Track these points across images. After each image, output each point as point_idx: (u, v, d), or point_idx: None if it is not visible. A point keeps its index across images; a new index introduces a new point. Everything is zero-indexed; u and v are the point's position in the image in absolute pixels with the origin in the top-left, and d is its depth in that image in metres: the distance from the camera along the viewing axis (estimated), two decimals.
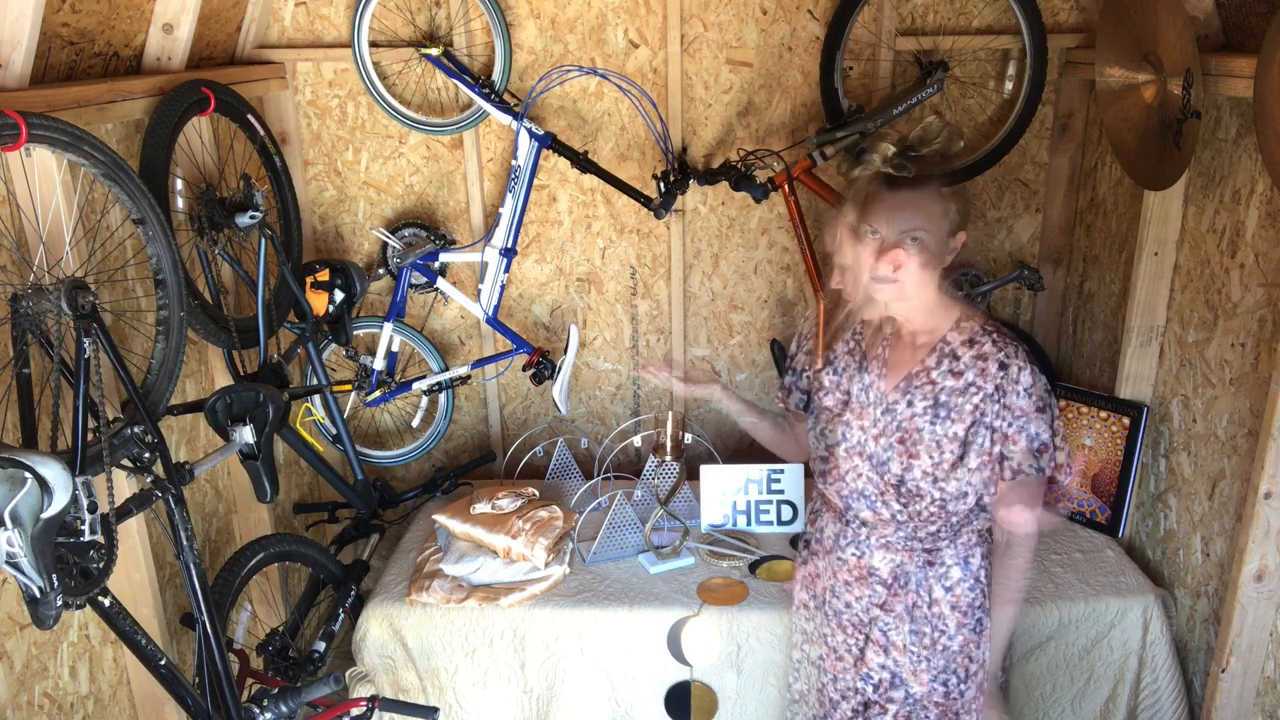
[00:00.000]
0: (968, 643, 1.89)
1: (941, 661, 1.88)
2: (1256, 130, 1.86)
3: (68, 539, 1.59)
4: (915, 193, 1.71)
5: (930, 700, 1.90)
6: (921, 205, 1.70)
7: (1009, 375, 1.74)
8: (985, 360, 1.76)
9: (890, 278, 1.71)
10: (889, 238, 1.70)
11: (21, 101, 1.75)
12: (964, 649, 1.89)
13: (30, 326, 1.66)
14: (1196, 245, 2.45)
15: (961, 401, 1.76)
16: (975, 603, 1.88)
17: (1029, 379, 1.74)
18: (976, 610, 1.88)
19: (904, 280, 1.72)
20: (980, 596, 1.88)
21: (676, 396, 2.47)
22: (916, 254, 1.70)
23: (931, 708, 1.91)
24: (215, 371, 2.66)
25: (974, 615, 1.88)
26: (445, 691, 2.56)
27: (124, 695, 2.19)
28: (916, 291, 1.75)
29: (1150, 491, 2.69)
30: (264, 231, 2.49)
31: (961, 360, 1.77)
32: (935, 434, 1.78)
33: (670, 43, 2.99)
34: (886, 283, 1.72)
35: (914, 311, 1.81)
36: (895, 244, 1.69)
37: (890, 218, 1.70)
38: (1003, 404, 1.74)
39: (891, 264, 1.70)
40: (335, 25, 3.01)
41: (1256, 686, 2.26)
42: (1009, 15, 2.92)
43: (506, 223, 2.99)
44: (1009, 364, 1.74)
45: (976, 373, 1.76)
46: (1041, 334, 3.30)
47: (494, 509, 2.77)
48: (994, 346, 1.76)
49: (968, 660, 1.90)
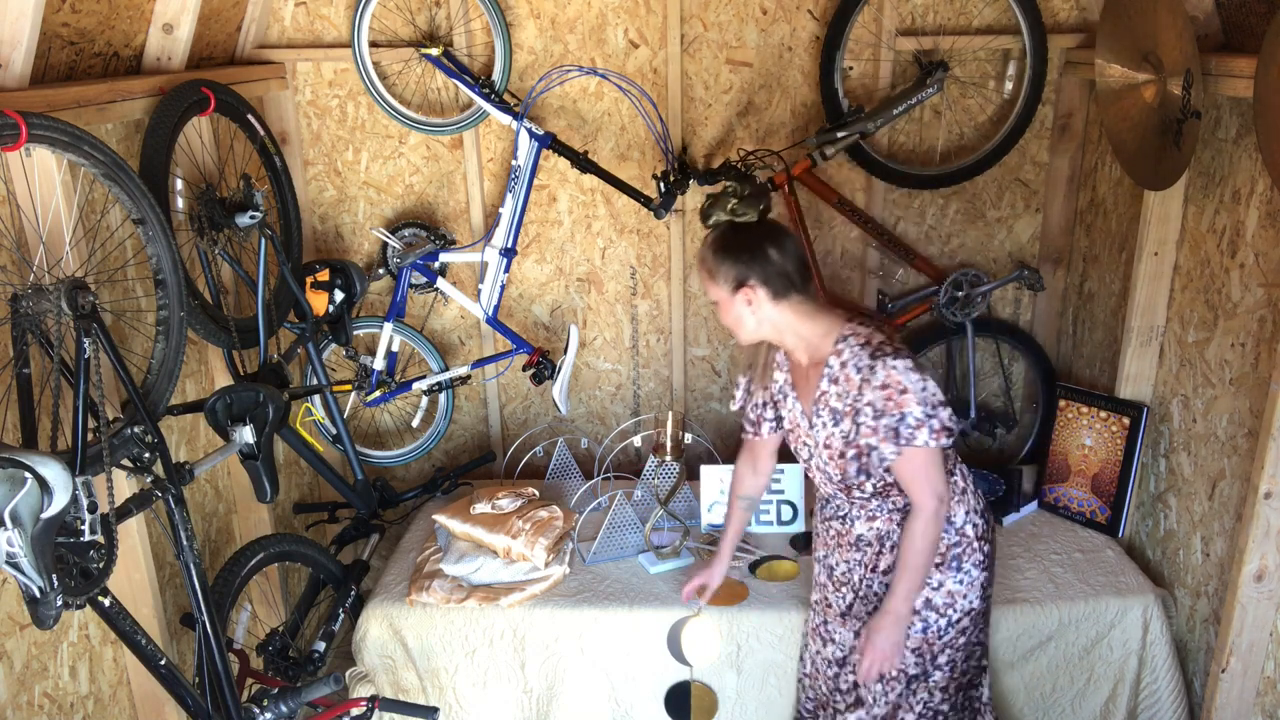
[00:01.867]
0: (945, 583, 2.06)
1: (920, 601, 2.06)
2: (1256, 130, 1.86)
3: (68, 539, 1.58)
4: (702, 259, 2.01)
5: (907, 640, 2.08)
6: (703, 268, 2.01)
7: (866, 375, 1.91)
8: (846, 367, 1.95)
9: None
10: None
11: (21, 101, 1.75)
12: (942, 588, 2.06)
13: (30, 326, 1.66)
14: (1196, 245, 2.45)
15: (842, 406, 1.98)
16: (953, 547, 2.05)
17: (882, 374, 1.89)
18: (955, 554, 2.05)
19: (732, 327, 2.02)
20: (961, 542, 2.05)
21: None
22: (721, 310, 2.01)
23: (908, 651, 2.08)
24: (215, 371, 2.66)
25: (952, 558, 2.05)
26: (445, 691, 2.56)
27: (124, 695, 2.19)
28: (751, 335, 2.01)
29: (1150, 491, 2.69)
30: (264, 231, 2.49)
31: (840, 374, 1.97)
32: (839, 438, 2.00)
33: (670, 43, 2.99)
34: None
35: (792, 344, 2.03)
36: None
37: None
38: (863, 401, 1.92)
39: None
40: (335, 25, 3.01)
41: (1256, 686, 2.26)
42: (1009, 15, 2.92)
43: (506, 223, 2.99)
44: (873, 363, 1.90)
45: (844, 379, 1.96)
46: (1041, 334, 3.30)
47: (494, 509, 2.77)
48: (853, 354, 1.94)
49: (949, 599, 2.06)
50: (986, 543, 2.09)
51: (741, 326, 2.00)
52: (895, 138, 3.11)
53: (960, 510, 2.06)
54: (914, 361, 1.89)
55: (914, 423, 1.88)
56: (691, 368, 3.39)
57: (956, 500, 2.06)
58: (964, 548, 2.05)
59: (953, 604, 2.06)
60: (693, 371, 3.40)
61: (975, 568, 2.06)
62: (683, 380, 3.38)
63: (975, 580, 2.07)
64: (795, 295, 1.96)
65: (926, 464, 1.93)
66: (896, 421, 1.89)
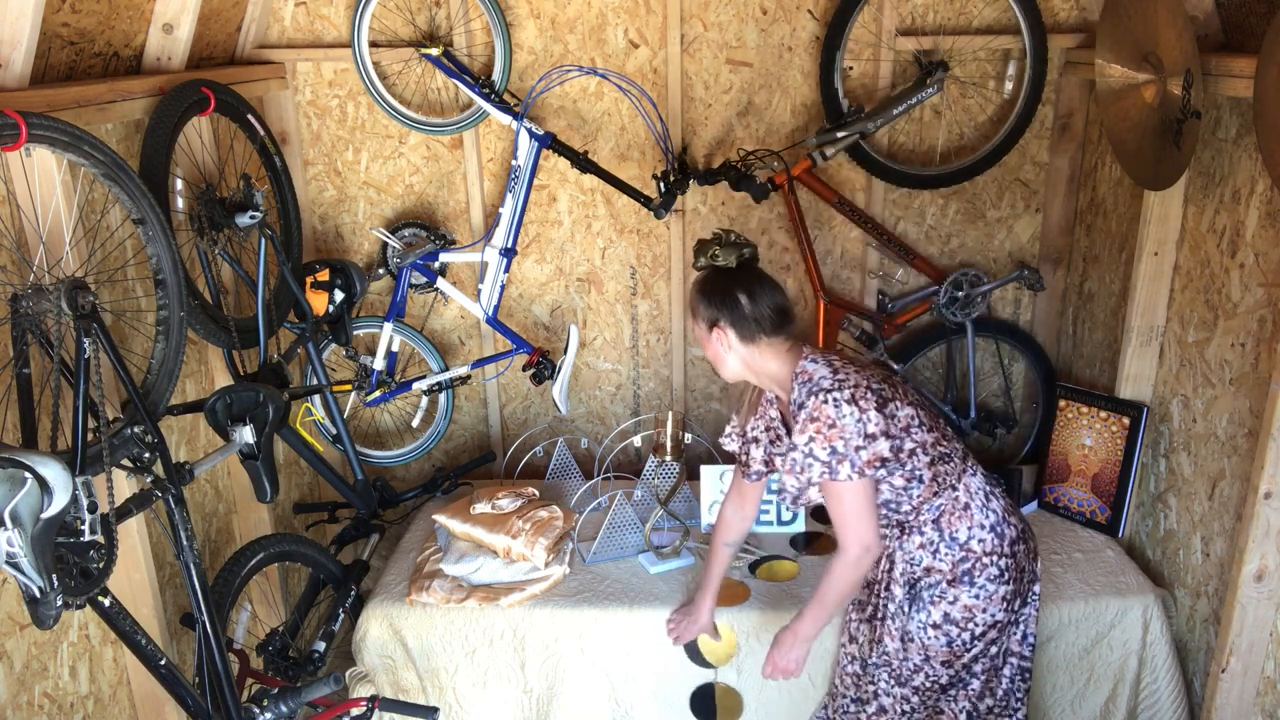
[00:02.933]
0: (960, 598, 2.04)
1: (939, 615, 2.05)
2: (1256, 130, 1.86)
3: (68, 539, 1.58)
4: (690, 298, 2.11)
5: (927, 652, 2.09)
6: (690, 306, 2.11)
7: (800, 412, 1.97)
8: (795, 406, 2.00)
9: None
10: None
11: (21, 101, 1.75)
12: (958, 603, 2.04)
13: (30, 326, 1.66)
14: (1196, 245, 2.45)
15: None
16: (960, 563, 2.03)
17: (810, 408, 1.93)
18: (964, 569, 2.03)
19: (714, 362, 2.10)
20: (969, 558, 2.03)
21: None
22: (703, 346, 2.10)
23: (938, 664, 2.09)
24: (215, 371, 2.66)
25: (963, 573, 2.03)
26: (445, 691, 2.56)
27: (124, 695, 2.19)
28: (733, 373, 2.10)
29: (1150, 491, 2.69)
30: (264, 231, 2.49)
31: (797, 413, 2.00)
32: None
33: (670, 43, 2.99)
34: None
35: (766, 384, 2.10)
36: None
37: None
38: (799, 438, 1.96)
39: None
40: (335, 25, 3.01)
41: (1256, 686, 2.26)
42: (1009, 15, 2.92)
43: (506, 223, 2.99)
44: (806, 401, 1.95)
45: (798, 418, 1.99)
46: (1041, 334, 3.30)
47: (494, 509, 2.77)
48: (799, 393, 1.99)
49: (967, 614, 2.04)
50: (1002, 556, 2.04)
51: (722, 363, 2.09)
52: (895, 138, 3.11)
53: (962, 526, 2.03)
54: (853, 394, 1.90)
55: (835, 459, 1.91)
56: (691, 368, 3.39)
57: (958, 516, 2.03)
58: (973, 563, 2.03)
59: (972, 618, 2.04)
60: (693, 371, 3.40)
61: (991, 581, 2.03)
62: (683, 380, 3.38)
63: (994, 594, 2.03)
64: (764, 339, 2.02)
65: (852, 504, 1.95)
66: (821, 456, 1.92)
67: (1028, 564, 2.10)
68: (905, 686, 2.14)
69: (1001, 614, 2.06)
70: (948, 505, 2.03)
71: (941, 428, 2.05)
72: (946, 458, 2.02)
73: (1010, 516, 2.09)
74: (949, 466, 2.03)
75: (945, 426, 2.09)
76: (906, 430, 1.95)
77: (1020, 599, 2.09)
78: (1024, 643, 2.17)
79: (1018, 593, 2.08)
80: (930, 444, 1.98)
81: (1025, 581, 2.10)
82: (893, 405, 1.94)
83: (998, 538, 2.04)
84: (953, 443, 2.07)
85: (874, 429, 1.90)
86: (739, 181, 2.85)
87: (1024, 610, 2.14)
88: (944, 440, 2.03)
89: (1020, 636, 2.16)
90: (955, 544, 2.03)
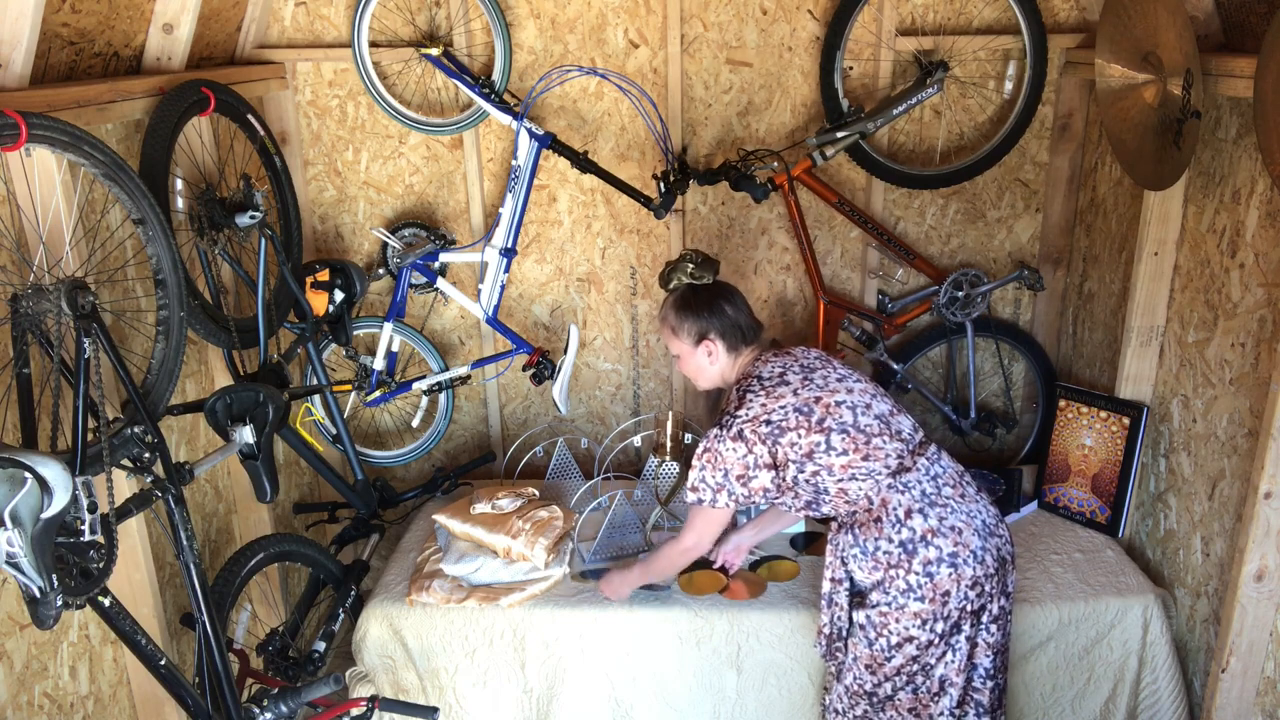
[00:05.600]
0: (879, 603, 2.06)
1: (861, 616, 2.10)
2: (1256, 130, 1.86)
3: (68, 539, 1.58)
4: (664, 317, 2.29)
5: (854, 652, 2.15)
6: (665, 325, 2.30)
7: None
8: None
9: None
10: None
11: (21, 101, 1.75)
12: (876, 607, 2.06)
13: (30, 326, 1.66)
14: (1196, 245, 2.45)
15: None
16: (893, 568, 2.03)
17: (706, 441, 2.13)
18: (879, 580, 2.05)
19: (693, 376, 2.33)
20: (879, 569, 2.04)
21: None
22: (682, 362, 2.31)
23: (860, 666, 2.14)
24: (215, 371, 2.66)
25: (879, 585, 2.05)
26: (445, 691, 2.56)
27: (124, 695, 2.19)
28: (710, 382, 2.30)
29: (1150, 491, 2.69)
30: (264, 231, 2.49)
31: None
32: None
33: (670, 43, 2.99)
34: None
35: (729, 388, 2.26)
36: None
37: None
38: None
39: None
40: (335, 25, 3.01)
41: (1256, 686, 2.26)
42: (1009, 15, 2.92)
43: (506, 223, 2.99)
44: (719, 421, 2.15)
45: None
46: (1041, 334, 3.30)
47: (494, 509, 2.77)
48: (734, 396, 2.18)
49: (882, 619, 2.05)
50: (910, 574, 2.00)
51: (702, 375, 2.29)
52: (895, 138, 3.11)
53: (871, 537, 2.04)
54: (741, 430, 2.07)
55: (715, 489, 2.12)
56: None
57: (869, 528, 2.05)
58: (882, 573, 2.03)
59: (886, 624, 2.04)
60: None
61: (901, 594, 2.01)
62: (683, 380, 3.38)
63: (904, 607, 2.01)
64: (744, 348, 2.24)
65: (711, 519, 2.18)
66: (711, 482, 2.12)
67: (959, 591, 2.00)
68: (841, 683, 2.20)
69: (918, 631, 2.02)
70: (861, 517, 2.08)
71: (867, 448, 2.03)
72: (864, 476, 2.04)
73: (937, 539, 2.00)
74: (865, 484, 2.04)
75: (878, 447, 2.05)
76: (809, 456, 2.04)
77: (948, 623, 2.02)
78: (969, 672, 2.08)
79: (941, 616, 2.01)
80: (841, 466, 2.03)
81: (955, 608, 2.01)
82: (792, 435, 2.04)
83: (907, 555, 2.01)
84: (879, 463, 2.04)
85: (725, 471, 2.09)
86: (739, 181, 2.85)
87: (955, 638, 2.04)
88: (868, 459, 2.03)
89: (959, 666, 2.05)
90: (866, 553, 2.06)
